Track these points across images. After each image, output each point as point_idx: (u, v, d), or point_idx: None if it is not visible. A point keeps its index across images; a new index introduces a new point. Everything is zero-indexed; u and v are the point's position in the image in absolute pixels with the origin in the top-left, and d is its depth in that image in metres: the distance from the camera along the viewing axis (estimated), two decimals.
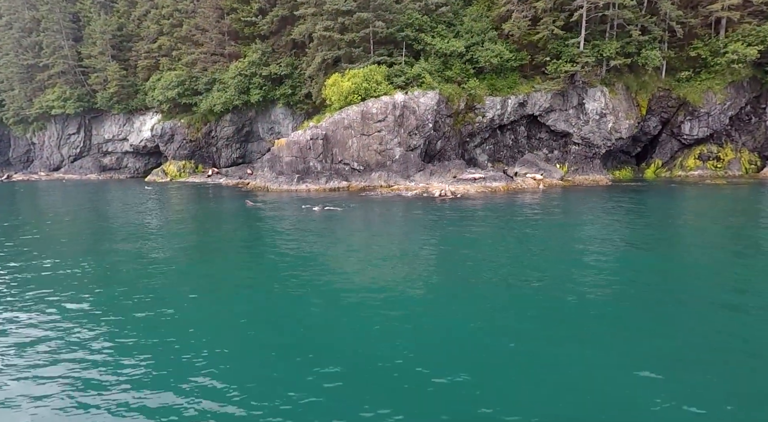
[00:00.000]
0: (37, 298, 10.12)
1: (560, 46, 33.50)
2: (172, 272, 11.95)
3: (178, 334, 8.11)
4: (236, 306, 9.52)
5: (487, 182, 25.55)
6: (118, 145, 54.66)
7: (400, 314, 8.78)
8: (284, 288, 10.42)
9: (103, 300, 10.00)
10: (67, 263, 12.94)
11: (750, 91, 35.52)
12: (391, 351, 7.32)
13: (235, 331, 8.34)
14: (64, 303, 9.71)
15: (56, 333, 8.31)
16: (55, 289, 10.67)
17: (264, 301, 9.79)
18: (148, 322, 8.65)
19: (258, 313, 9.15)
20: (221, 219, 20.23)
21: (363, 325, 8.40)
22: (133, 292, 10.22)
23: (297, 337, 8.02)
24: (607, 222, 17.40)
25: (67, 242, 15.98)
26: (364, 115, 29.44)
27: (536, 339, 7.68)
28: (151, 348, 7.56)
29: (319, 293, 10.04)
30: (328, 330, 8.20)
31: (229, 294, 10.33)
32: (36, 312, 9.30)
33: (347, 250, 13.70)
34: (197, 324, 8.45)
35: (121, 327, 8.51)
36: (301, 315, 8.95)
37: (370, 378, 6.54)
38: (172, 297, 9.92)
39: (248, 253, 13.99)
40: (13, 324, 8.68)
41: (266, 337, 8.05)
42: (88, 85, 52.10)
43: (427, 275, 11.26)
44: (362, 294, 9.82)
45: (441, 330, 8.16)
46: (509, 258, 12.59)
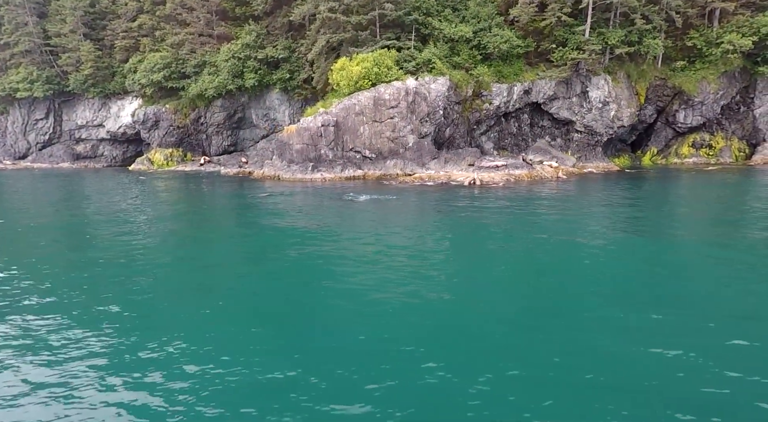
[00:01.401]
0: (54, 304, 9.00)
1: (566, 33, 33.53)
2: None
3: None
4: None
5: (509, 170, 25.37)
6: (92, 132, 51.13)
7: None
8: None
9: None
10: (99, 270, 11.70)
11: (740, 82, 36.90)
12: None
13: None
14: (115, 303, 8.66)
15: (77, 331, 7.43)
16: (90, 288, 9.58)
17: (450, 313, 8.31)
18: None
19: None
20: (262, 215, 17.42)
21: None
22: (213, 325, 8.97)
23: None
24: (673, 208, 17.86)
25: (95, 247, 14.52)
26: (377, 100, 28.53)
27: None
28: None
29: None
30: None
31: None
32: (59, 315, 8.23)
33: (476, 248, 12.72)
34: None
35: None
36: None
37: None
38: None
39: (366, 260, 11.60)
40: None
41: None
42: (58, 66, 48.19)
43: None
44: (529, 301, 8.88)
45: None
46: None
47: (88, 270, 11.00)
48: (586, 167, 31.13)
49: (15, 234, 15.31)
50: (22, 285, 9.82)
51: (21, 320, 8.09)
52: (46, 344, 7.20)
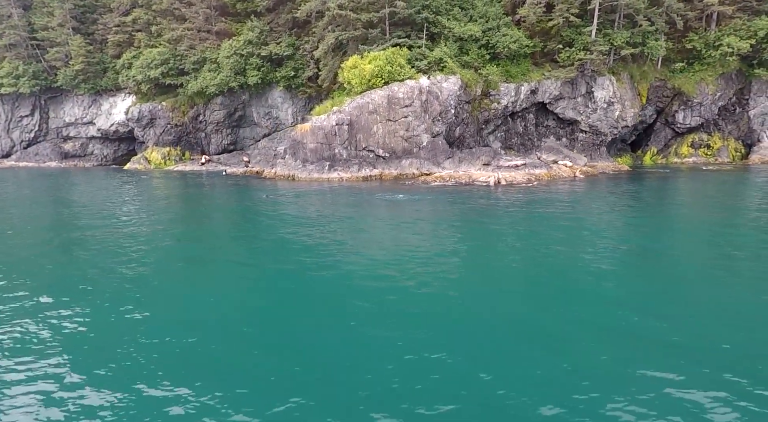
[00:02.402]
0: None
1: (573, 33, 33.85)
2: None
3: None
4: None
5: (528, 169, 25.44)
6: (81, 130, 49.34)
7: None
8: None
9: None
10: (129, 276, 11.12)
11: (737, 83, 37.96)
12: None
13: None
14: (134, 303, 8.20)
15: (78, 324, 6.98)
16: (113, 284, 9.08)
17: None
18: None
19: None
20: (320, 220, 16.05)
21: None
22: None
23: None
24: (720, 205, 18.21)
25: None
26: (391, 99, 28.24)
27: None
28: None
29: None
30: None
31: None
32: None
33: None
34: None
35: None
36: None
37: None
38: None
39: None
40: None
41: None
42: (45, 61, 46.27)
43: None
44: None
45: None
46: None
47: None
48: (596, 167, 31.44)
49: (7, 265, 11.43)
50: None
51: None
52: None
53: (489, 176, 23.64)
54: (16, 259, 11.97)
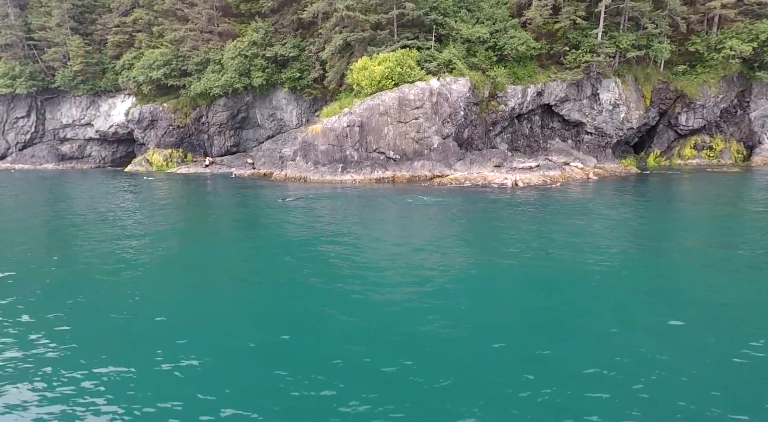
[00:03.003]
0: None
1: (579, 36, 34.04)
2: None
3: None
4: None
5: (543, 171, 25.44)
6: (79, 131, 48.51)
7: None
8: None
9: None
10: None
11: (738, 86, 38.44)
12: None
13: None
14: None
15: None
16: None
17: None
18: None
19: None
20: (364, 227, 15.32)
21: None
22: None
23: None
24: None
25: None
26: (401, 101, 28.11)
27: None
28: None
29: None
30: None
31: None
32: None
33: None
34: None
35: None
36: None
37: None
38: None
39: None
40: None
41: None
42: (43, 62, 45.42)
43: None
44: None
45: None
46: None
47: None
48: (605, 168, 31.55)
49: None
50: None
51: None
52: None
53: (505, 178, 23.58)
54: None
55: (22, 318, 8.22)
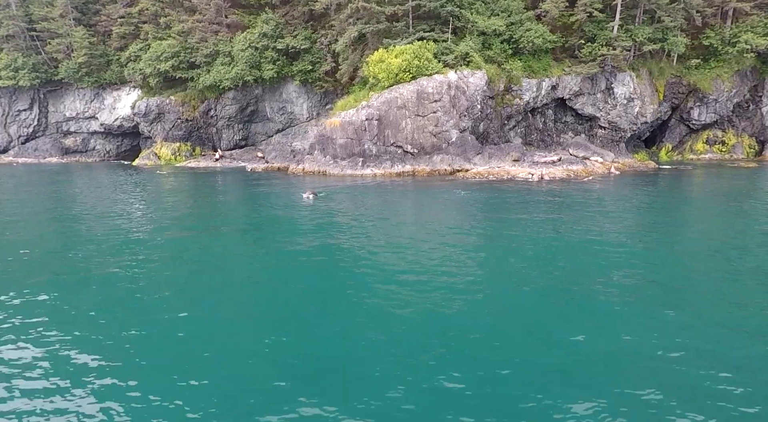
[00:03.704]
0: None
1: (595, 29, 33.73)
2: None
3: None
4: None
5: (565, 165, 25.24)
6: (83, 124, 47.77)
7: None
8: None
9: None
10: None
11: (751, 80, 38.32)
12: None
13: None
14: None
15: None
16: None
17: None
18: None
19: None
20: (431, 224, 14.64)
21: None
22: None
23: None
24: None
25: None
26: (420, 94, 27.75)
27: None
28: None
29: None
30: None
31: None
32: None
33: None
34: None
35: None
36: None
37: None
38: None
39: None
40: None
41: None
42: (46, 53, 44.54)
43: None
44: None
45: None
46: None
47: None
48: (627, 163, 31.30)
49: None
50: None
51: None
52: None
53: (529, 173, 23.36)
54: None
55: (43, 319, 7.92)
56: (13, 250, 12.17)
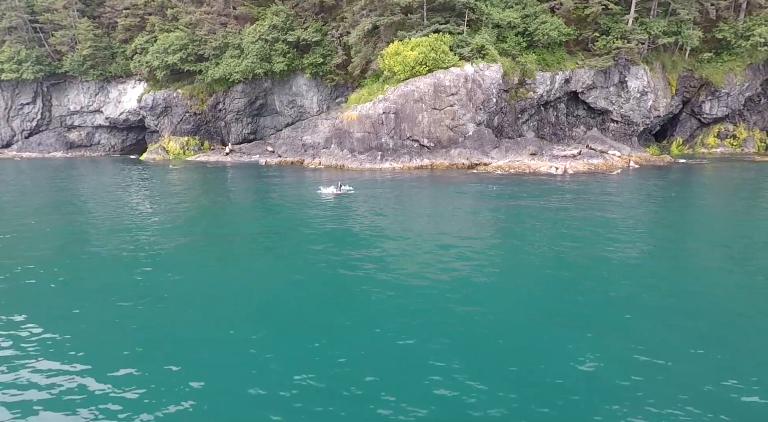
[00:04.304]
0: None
1: (610, 21, 33.47)
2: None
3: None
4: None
5: (585, 159, 25.10)
6: (87, 118, 47.19)
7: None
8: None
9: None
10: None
11: (764, 74, 38.22)
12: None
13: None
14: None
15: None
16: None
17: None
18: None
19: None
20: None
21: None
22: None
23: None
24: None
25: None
26: (437, 87, 27.48)
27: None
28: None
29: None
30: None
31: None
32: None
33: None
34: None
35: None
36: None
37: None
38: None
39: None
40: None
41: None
42: (49, 45, 43.83)
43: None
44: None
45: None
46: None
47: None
48: (642, 157, 31.22)
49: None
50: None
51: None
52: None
53: (551, 166, 23.21)
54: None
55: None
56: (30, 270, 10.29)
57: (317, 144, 35.60)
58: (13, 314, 7.85)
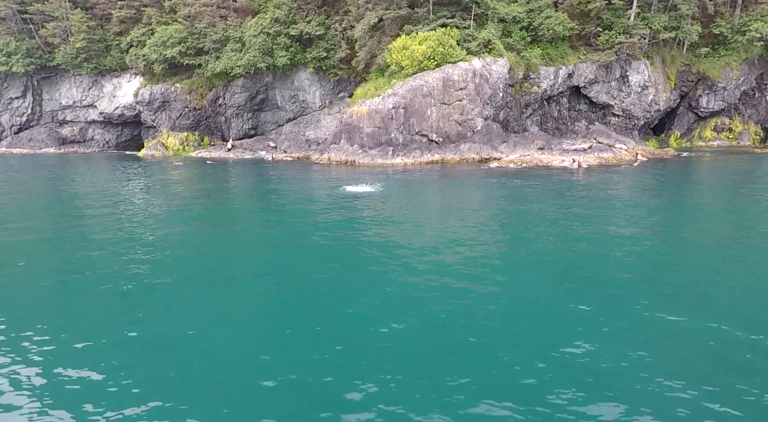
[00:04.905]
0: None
1: (613, 16, 33.75)
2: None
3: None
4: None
5: (595, 153, 25.40)
6: (80, 113, 46.05)
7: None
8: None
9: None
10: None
11: (758, 68, 39.04)
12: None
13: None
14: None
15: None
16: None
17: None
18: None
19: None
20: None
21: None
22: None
23: None
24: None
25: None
26: (446, 82, 27.46)
27: None
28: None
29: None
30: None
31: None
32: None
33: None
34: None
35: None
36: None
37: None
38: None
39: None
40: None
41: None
42: (40, 38, 42.54)
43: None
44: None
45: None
46: None
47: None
48: (645, 151, 31.72)
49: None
50: None
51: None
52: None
53: (571, 160, 23.45)
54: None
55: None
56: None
57: (321, 139, 35.36)
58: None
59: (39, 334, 7.09)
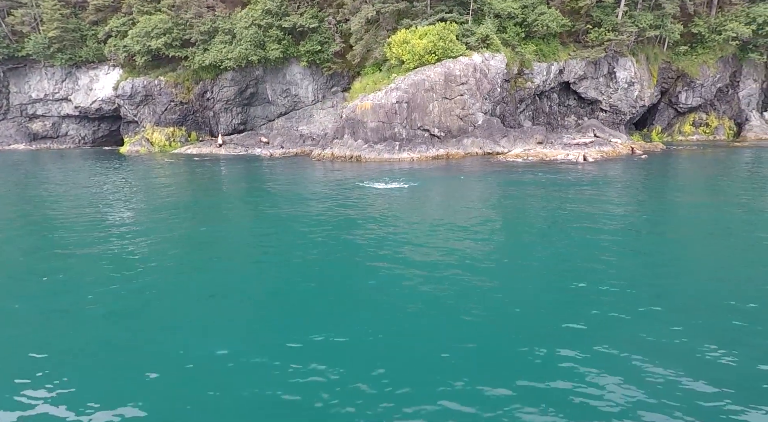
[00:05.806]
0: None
1: (602, 14, 34.67)
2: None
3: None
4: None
5: (596, 146, 26.10)
6: (53, 107, 43.53)
7: None
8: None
9: None
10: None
11: (732, 66, 41.09)
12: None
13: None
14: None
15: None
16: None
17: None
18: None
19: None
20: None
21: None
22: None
23: None
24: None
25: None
26: (447, 76, 27.49)
27: None
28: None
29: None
30: None
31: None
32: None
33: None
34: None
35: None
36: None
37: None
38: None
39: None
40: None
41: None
42: (6, 26, 39.80)
43: None
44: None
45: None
46: None
47: None
48: (637, 145, 32.76)
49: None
50: None
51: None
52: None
53: (567, 154, 24.00)
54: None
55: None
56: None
57: (316, 134, 34.80)
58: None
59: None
